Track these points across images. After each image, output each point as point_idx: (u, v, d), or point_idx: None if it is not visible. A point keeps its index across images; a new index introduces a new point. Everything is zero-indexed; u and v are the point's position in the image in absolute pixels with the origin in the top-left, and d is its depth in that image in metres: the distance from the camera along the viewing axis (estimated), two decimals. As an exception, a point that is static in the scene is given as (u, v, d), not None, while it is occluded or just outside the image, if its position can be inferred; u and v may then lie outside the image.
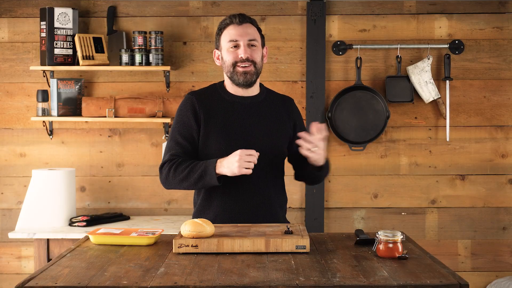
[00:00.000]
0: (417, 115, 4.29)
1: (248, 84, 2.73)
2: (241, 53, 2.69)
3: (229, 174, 2.57)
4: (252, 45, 2.72)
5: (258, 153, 2.58)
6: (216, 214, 2.72)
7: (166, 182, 2.72)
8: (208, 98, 2.78)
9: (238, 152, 2.54)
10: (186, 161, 2.68)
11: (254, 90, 2.80)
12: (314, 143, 2.59)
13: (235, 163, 2.53)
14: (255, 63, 2.71)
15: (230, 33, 2.71)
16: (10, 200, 4.30)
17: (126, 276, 2.01)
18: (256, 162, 2.56)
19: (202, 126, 2.72)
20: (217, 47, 2.78)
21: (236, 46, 2.71)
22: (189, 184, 2.65)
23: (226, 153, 2.64)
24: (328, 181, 4.29)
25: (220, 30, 2.75)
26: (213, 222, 2.60)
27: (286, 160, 2.89)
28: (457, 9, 4.25)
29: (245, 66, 2.70)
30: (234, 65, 2.71)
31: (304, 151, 2.60)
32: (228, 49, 2.72)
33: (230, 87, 2.79)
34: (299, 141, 2.61)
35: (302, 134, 2.60)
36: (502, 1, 4.25)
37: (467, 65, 4.27)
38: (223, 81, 2.84)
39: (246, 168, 2.54)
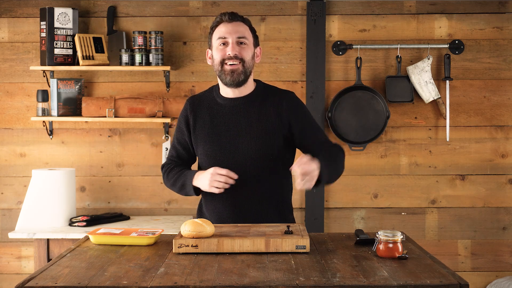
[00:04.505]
0: (417, 115, 4.29)
1: (236, 84, 2.67)
2: (229, 50, 2.64)
3: (202, 188, 2.63)
4: (241, 43, 2.67)
5: (235, 175, 2.56)
6: (209, 219, 2.72)
7: (165, 184, 2.86)
8: (202, 102, 2.79)
9: (211, 170, 2.57)
10: (177, 167, 2.78)
11: (247, 90, 2.74)
12: (305, 178, 2.44)
13: (206, 181, 2.57)
14: (244, 62, 2.65)
15: (220, 30, 2.68)
16: (10, 200, 4.30)
17: (126, 276, 2.01)
18: (230, 181, 2.55)
19: (191, 131, 2.76)
20: (209, 46, 2.75)
21: (225, 44, 2.67)
22: (177, 191, 2.78)
23: (213, 157, 2.68)
24: (328, 181, 4.29)
25: (212, 29, 2.72)
26: None
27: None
28: (457, 9, 4.25)
29: (232, 64, 2.64)
30: (222, 63, 2.66)
31: (297, 187, 2.45)
32: (217, 47, 2.68)
33: (223, 89, 2.76)
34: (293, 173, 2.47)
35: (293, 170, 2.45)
36: (502, 1, 4.25)
37: (467, 65, 4.27)
38: None
39: (217, 187, 2.56)
